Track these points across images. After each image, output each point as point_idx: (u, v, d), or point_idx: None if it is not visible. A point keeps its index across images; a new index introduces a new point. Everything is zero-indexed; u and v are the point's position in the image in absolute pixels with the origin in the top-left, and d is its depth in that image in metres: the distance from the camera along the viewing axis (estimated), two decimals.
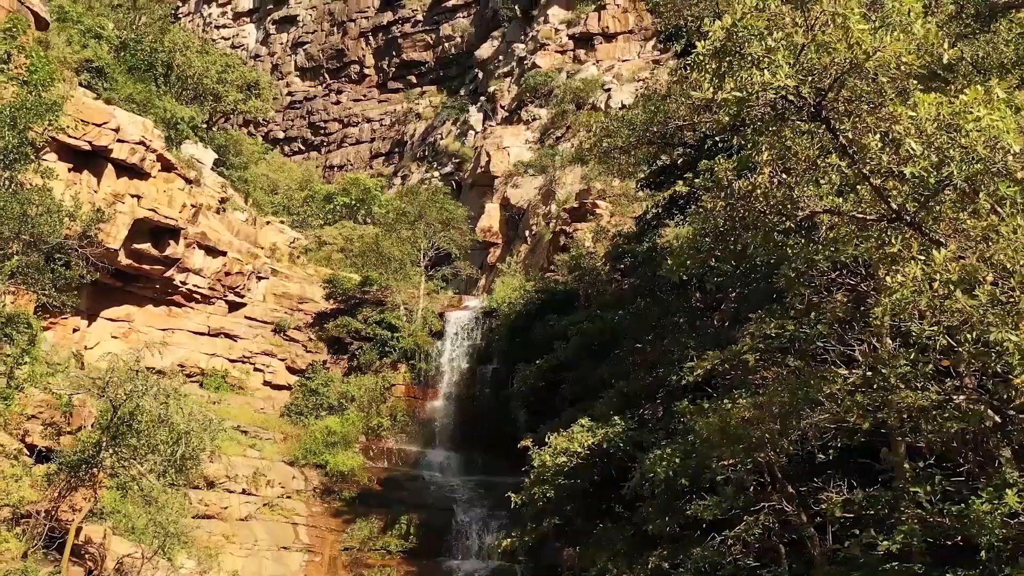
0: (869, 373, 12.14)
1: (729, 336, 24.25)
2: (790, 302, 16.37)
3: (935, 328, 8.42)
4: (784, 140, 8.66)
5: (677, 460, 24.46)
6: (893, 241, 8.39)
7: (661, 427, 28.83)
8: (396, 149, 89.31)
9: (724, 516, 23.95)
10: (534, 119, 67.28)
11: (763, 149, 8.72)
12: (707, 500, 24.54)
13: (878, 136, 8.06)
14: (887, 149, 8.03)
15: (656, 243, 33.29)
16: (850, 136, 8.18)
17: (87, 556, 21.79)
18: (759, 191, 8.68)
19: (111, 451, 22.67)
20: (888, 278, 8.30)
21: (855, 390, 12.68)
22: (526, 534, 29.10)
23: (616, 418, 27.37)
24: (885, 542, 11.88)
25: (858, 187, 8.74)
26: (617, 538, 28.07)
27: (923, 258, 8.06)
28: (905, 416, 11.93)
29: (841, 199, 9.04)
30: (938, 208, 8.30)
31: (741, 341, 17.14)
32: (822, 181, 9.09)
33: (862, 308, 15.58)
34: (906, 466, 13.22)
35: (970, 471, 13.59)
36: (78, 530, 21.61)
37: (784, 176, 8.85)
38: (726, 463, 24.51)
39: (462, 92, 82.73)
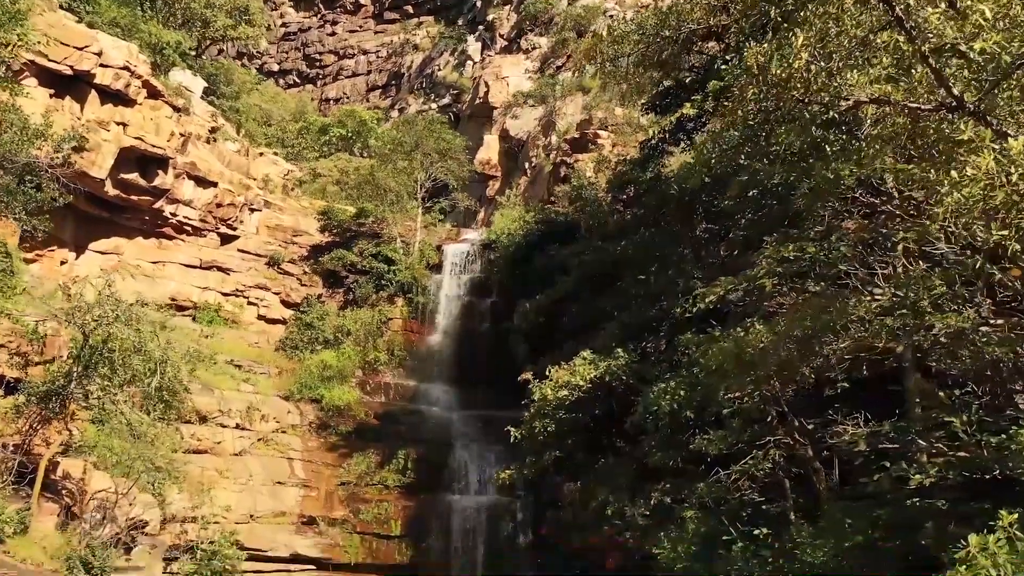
0: (900, 294, 11.12)
1: (738, 265, 23.22)
2: (809, 224, 15.30)
3: (1005, 232, 7.36)
4: (828, 14, 7.52)
5: (682, 393, 23.69)
6: (963, 127, 7.28)
7: (664, 360, 28.06)
8: (393, 82, 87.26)
9: (729, 450, 23.32)
10: (534, 48, 65.34)
11: (803, 24, 7.58)
12: (711, 434, 23.90)
13: (943, 5, 6.93)
14: (952, 23, 6.91)
15: (660, 171, 32.13)
16: (910, 2, 7.05)
17: (64, 492, 20.97)
18: (797, 77, 7.58)
19: (83, 382, 21.65)
20: (953, 172, 7.21)
21: (884, 313, 11.66)
22: (526, 468, 28.45)
23: (619, 350, 26.49)
24: (917, 475, 10.99)
25: (913, 71, 7.62)
26: (619, 472, 27.42)
27: (997, 147, 6.99)
28: (943, 340, 10.95)
29: (891, 87, 7.93)
30: (1008, 94, 7.21)
31: (756, 265, 16.06)
32: (871, 64, 7.96)
33: (885, 230, 14.57)
34: (940, 394, 12.24)
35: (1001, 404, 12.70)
36: (55, 465, 20.75)
37: (825, 63, 7.74)
38: (733, 396, 23.79)
39: (460, 22, 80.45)
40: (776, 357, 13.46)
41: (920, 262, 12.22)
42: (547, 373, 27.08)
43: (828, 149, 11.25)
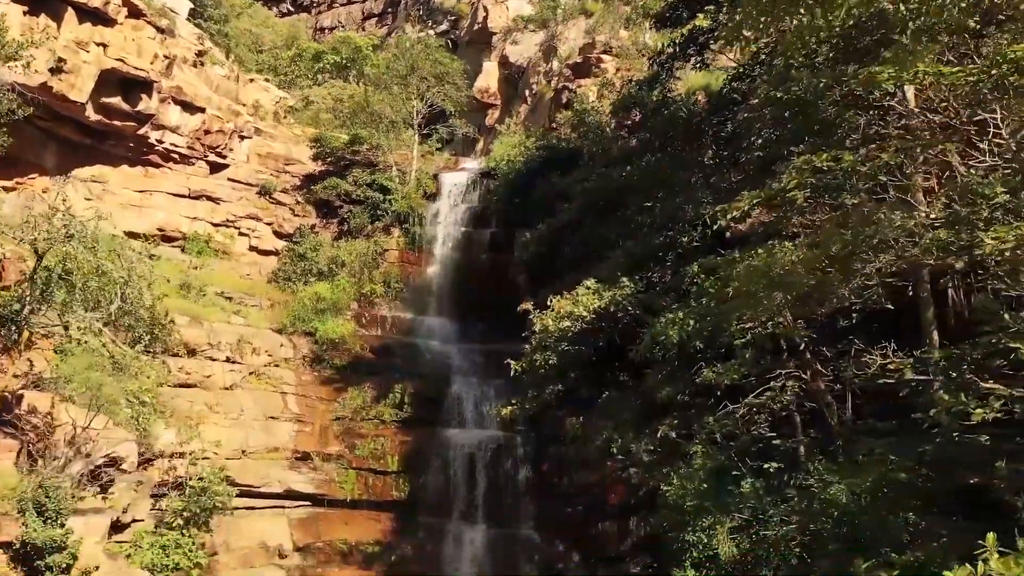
0: (953, 206, 9.76)
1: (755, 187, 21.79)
2: (840, 135, 13.84)
3: None
4: None
5: (691, 323, 22.48)
6: None
7: (672, 290, 26.82)
8: (389, 9, 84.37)
9: (740, 383, 22.30)
10: None
11: None
12: (718, 367, 22.84)
13: None
14: None
15: (668, 93, 30.48)
16: None
17: (28, 428, 19.73)
18: None
19: (40, 307, 20.25)
20: None
21: (932, 227, 10.30)
22: (527, 402, 27.39)
23: (624, 279, 25.19)
24: (979, 410, 9.74)
25: None
26: (623, 407, 26.35)
27: None
28: (1002, 256, 9.59)
29: None
30: None
31: (784, 177, 14.61)
32: None
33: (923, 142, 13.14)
34: (1006, 314, 10.87)
35: None
36: (18, 399, 19.48)
37: None
38: (745, 327, 22.63)
39: None
40: (812, 276, 12.02)
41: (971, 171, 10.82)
42: (548, 303, 25.83)
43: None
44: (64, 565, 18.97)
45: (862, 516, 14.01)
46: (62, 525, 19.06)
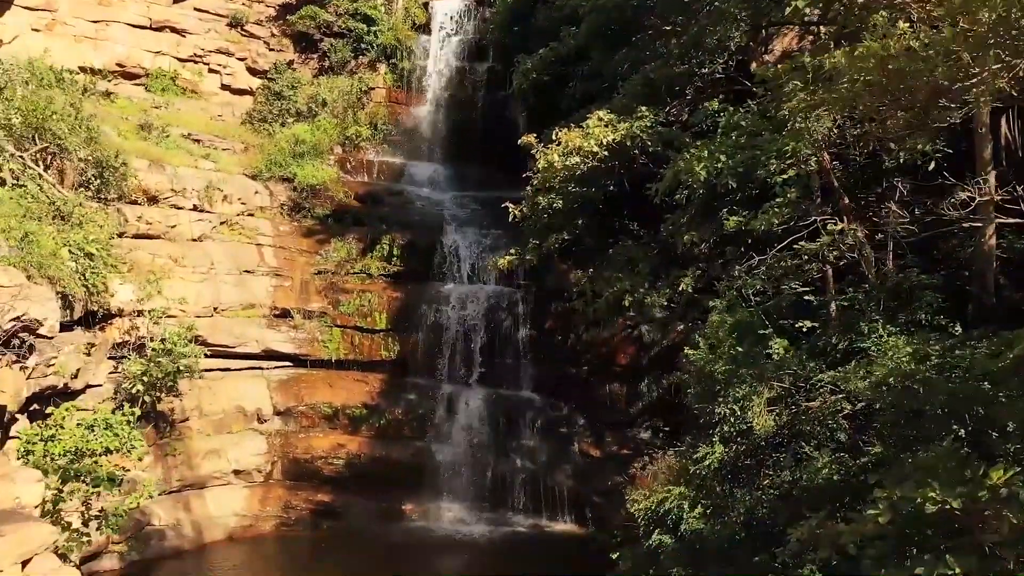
0: None
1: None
2: None
3: None
4: None
5: (722, 158, 19.13)
6: None
7: (693, 126, 23.42)
8: None
9: (769, 232, 19.33)
10: None
11: None
12: (746, 214, 19.80)
13: None
14: None
15: None
16: None
17: None
18: None
19: None
20: None
21: None
22: (527, 253, 24.29)
23: (643, 109, 21.63)
24: None
25: None
26: (637, 258, 23.25)
27: None
28: None
29: None
30: None
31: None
32: None
33: None
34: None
35: None
36: None
37: None
38: (787, 163, 19.50)
39: None
40: (941, 71, 8.44)
41: None
42: (554, 137, 22.34)
43: None
44: None
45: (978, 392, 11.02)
46: None
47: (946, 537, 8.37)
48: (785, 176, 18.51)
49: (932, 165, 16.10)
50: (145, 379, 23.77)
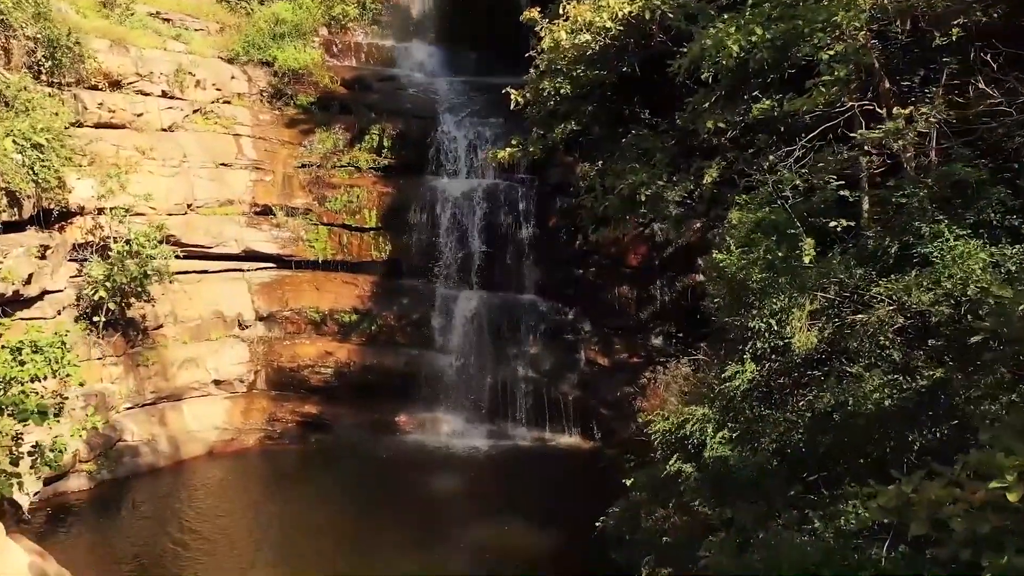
0: None
1: None
2: None
3: None
4: None
5: (757, 32, 16.58)
6: None
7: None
8: None
9: (813, 111, 17.15)
10: None
11: None
12: (773, 96, 17.52)
13: None
14: None
15: None
16: None
17: None
18: None
19: None
20: None
21: None
22: (530, 143, 21.91)
23: None
24: None
25: None
26: (654, 148, 20.83)
27: None
28: None
29: None
30: None
31: None
32: None
33: None
34: None
35: None
36: None
37: None
38: (833, 35, 17.08)
39: None
40: None
41: None
42: (561, 11, 19.61)
43: None
44: None
45: None
46: None
47: None
48: (831, 52, 15.95)
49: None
50: (108, 284, 21.60)
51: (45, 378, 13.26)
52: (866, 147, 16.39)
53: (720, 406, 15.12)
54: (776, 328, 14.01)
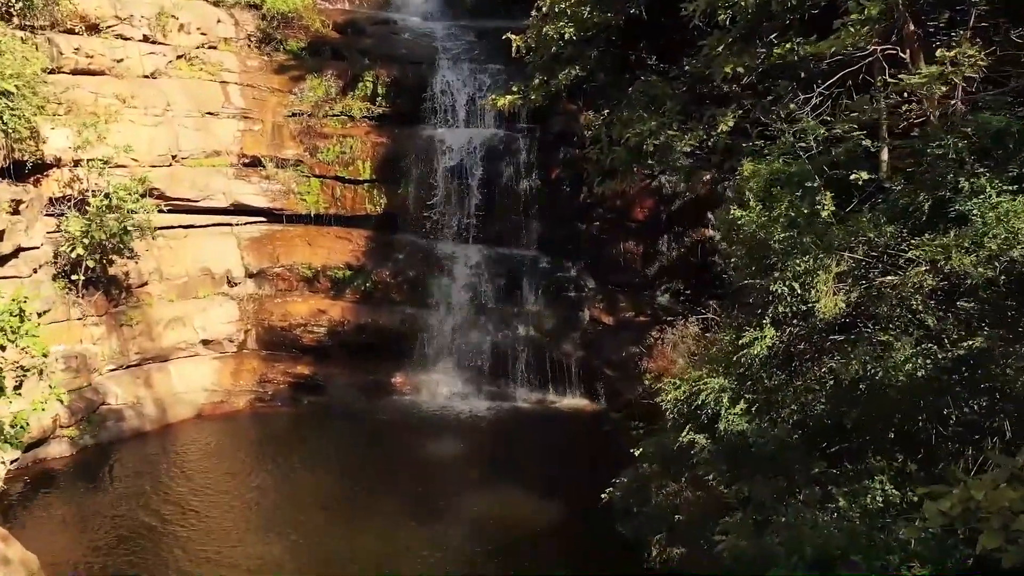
0: None
1: None
2: None
3: None
4: None
5: None
6: None
7: None
8: None
9: (836, 56, 16.11)
10: None
11: None
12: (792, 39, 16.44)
13: None
14: None
15: None
16: None
17: None
18: None
19: None
20: None
21: None
22: (532, 91, 20.75)
23: None
24: None
25: None
26: (664, 95, 19.61)
27: None
28: None
29: None
30: None
31: None
32: None
33: None
34: None
35: None
36: None
37: None
38: None
39: None
40: None
41: None
42: None
43: None
44: None
45: None
46: None
47: None
48: None
49: None
50: (87, 240, 20.49)
51: (4, 348, 12.25)
52: (892, 95, 15.27)
53: (737, 375, 14.11)
54: (800, 292, 12.93)
